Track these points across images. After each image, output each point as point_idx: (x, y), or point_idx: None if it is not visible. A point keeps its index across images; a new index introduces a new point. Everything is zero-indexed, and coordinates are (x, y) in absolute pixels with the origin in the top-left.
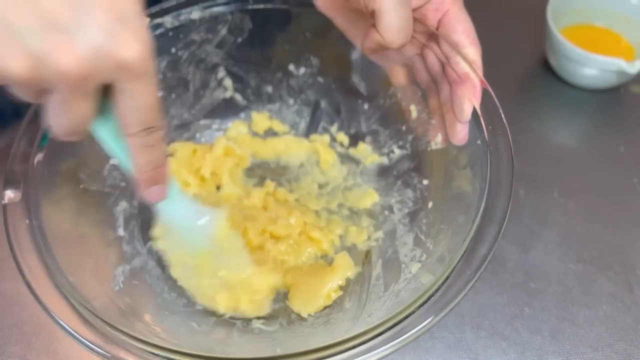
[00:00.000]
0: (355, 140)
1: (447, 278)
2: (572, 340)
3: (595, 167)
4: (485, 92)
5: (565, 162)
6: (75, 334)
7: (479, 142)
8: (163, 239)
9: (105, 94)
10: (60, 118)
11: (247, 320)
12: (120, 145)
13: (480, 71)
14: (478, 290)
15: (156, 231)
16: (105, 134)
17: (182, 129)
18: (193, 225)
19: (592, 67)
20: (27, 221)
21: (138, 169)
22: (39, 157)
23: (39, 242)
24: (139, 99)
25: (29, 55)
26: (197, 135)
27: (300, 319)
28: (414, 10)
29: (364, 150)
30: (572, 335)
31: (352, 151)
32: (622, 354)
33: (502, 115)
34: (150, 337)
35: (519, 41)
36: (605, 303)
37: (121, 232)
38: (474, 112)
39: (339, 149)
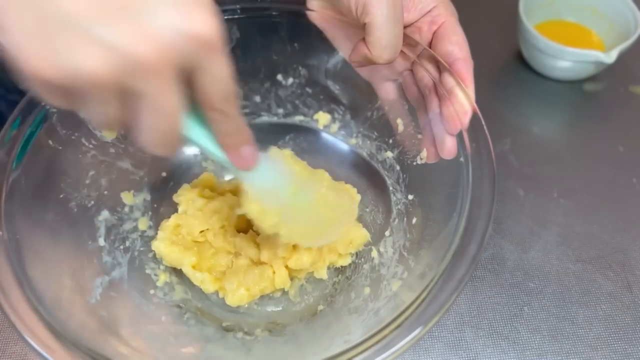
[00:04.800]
0: None
1: (423, 300)
2: (571, 340)
3: (595, 167)
4: None
5: (564, 162)
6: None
7: (462, 159)
8: (256, 204)
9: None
10: (153, 124)
11: (225, 332)
12: (202, 129)
13: (472, 87)
14: (477, 289)
15: (247, 205)
16: (189, 127)
17: None
18: (280, 176)
19: (569, 60)
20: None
21: (225, 140)
22: (16, 166)
23: (12, 256)
24: (218, 72)
25: (106, 50)
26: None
27: (281, 328)
28: (411, 24)
29: None
30: (571, 334)
31: None
32: (621, 353)
33: (487, 133)
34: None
35: (492, 37)
36: (604, 303)
37: (102, 242)
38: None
39: None
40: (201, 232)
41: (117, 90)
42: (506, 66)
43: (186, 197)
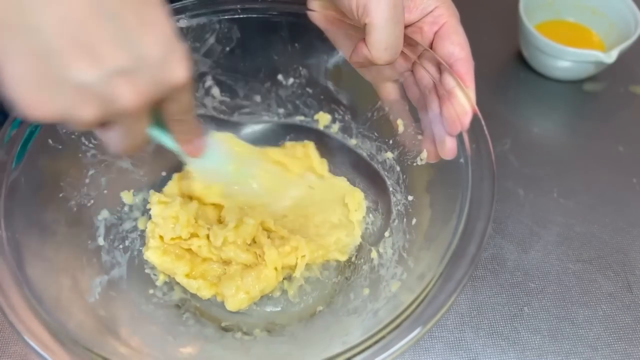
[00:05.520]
0: None
1: (422, 301)
2: (571, 340)
3: (595, 167)
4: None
5: (564, 162)
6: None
7: (461, 160)
8: (200, 181)
9: None
10: (122, 141)
11: (224, 332)
12: (161, 129)
13: (472, 88)
14: (477, 289)
15: (193, 184)
16: (151, 130)
17: None
18: (220, 157)
19: (569, 60)
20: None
21: (181, 137)
22: (16, 165)
23: (11, 255)
24: (183, 100)
25: (98, 101)
26: None
27: (280, 329)
28: (412, 24)
29: None
30: (571, 334)
31: None
32: (621, 353)
33: (487, 134)
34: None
35: (492, 37)
36: (604, 303)
37: (101, 241)
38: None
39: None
40: (186, 240)
41: (99, 124)
42: (506, 66)
43: (155, 205)
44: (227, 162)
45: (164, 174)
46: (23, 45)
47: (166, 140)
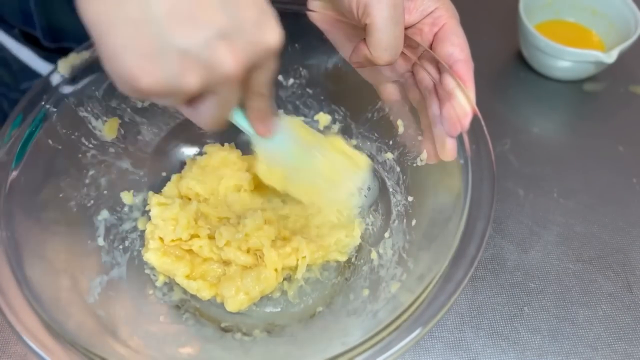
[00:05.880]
0: None
1: (422, 302)
2: (571, 340)
3: (595, 167)
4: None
5: (564, 162)
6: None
7: (462, 161)
8: (264, 164)
9: None
10: (215, 113)
11: (223, 332)
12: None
13: (472, 89)
14: (477, 289)
15: (257, 166)
16: None
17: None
18: (286, 141)
19: (569, 60)
20: None
21: (255, 115)
22: (16, 165)
23: (10, 255)
24: (270, 69)
25: (202, 68)
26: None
27: (279, 329)
28: (412, 26)
29: None
30: (572, 334)
31: None
32: (622, 353)
33: (487, 135)
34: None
35: (492, 37)
36: (604, 303)
37: (101, 242)
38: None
39: None
40: (186, 241)
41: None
42: (506, 66)
43: (154, 206)
44: (293, 146)
45: (163, 174)
46: (128, 13)
47: (240, 118)
